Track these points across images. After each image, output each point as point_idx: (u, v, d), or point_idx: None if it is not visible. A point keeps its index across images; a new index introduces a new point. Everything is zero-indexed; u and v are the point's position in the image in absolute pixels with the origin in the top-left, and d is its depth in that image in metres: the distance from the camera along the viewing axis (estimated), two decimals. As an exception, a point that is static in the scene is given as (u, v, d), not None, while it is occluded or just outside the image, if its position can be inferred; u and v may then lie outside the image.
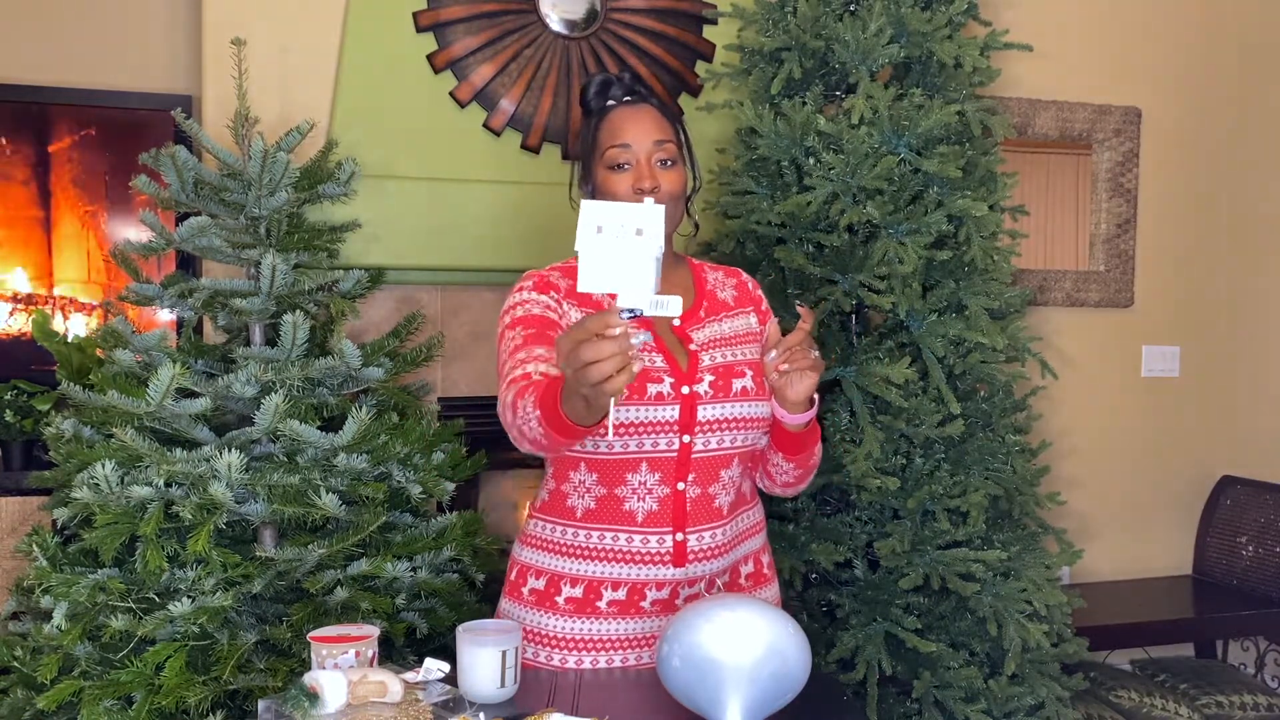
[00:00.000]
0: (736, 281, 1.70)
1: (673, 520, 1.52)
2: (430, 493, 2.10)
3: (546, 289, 1.57)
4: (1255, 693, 2.88)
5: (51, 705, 1.78)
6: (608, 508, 1.53)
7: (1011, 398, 2.37)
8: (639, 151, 1.54)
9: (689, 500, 1.53)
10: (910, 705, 2.20)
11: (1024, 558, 2.23)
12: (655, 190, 1.53)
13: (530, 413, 1.30)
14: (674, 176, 1.56)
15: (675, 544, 1.52)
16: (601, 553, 1.54)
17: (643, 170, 1.54)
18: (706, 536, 1.54)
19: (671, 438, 1.51)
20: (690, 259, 1.71)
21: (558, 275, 1.60)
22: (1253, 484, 3.39)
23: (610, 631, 1.55)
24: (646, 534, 1.52)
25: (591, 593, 1.54)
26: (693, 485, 1.53)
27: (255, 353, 1.96)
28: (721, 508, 1.56)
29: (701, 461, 1.53)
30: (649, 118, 1.57)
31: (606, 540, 1.54)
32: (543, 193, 2.80)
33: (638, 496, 1.52)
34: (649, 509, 1.52)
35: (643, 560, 1.53)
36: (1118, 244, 3.41)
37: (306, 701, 1.23)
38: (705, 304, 1.63)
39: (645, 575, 1.53)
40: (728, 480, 1.56)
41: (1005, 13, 2.97)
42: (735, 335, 1.61)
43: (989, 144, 2.42)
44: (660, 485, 1.52)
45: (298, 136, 2.07)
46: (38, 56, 2.93)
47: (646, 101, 1.59)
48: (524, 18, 2.80)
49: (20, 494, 2.62)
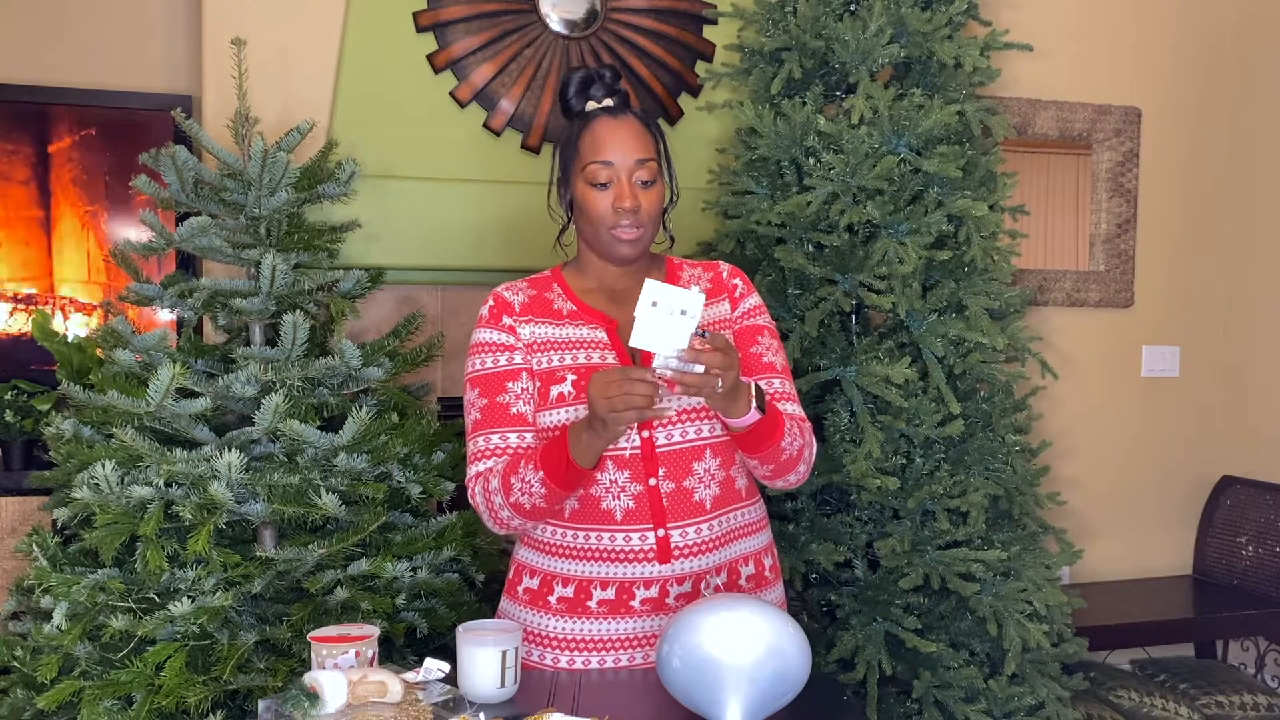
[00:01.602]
0: (713, 274, 1.70)
1: (652, 516, 1.53)
2: (430, 493, 2.10)
3: (499, 318, 1.61)
4: (1255, 693, 2.88)
5: (51, 705, 1.78)
6: (588, 507, 1.55)
7: (1011, 398, 2.37)
8: (620, 170, 1.55)
9: (665, 495, 1.53)
10: (910, 705, 2.20)
11: (1024, 558, 2.23)
12: (635, 210, 1.55)
13: (531, 476, 1.46)
14: (653, 196, 1.57)
15: (658, 540, 1.53)
16: (589, 552, 1.55)
17: (623, 189, 1.55)
18: (690, 532, 1.54)
19: (630, 434, 1.52)
20: (670, 258, 1.72)
21: (521, 289, 1.64)
22: (1253, 484, 3.39)
23: (601, 632, 1.55)
24: (628, 532, 1.53)
25: (582, 592, 1.55)
26: (665, 480, 1.54)
27: (255, 353, 1.96)
28: (703, 502, 1.55)
29: (669, 455, 1.54)
30: (631, 133, 1.57)
31: (592, 540, 1.55)
32: (543, 193, 2.78)
33: (612, 495, 1.54)
34: (626, 506, 1.53)
35: (627, 559, 1.53)
36: (1118, 244, 3.41)
37: (306, 701, 1.23)
38: None
39: (632, 573, 1.54)
40: (704, 474, 1.56)
41: (1005, 13, 2.97)
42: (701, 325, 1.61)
43: (989, 144, 2.42)
44: (631, 482, 1.53)
45: (298, 136, 2.07)
46: (38, 56, 2.93)
47: (628, 112, 1.59)
48: (524, 18, 2.80)
49: (20, 494, 2.62)
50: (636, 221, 1.55)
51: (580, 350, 1.58)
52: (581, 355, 1.57)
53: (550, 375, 1.57)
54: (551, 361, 1.58)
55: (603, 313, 1.61)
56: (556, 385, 1.56)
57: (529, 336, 1.60)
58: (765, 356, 1.64)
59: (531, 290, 1.64)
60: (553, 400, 1.55)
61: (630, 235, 1.56)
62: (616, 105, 1.59)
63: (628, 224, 1.55)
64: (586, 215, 1.58)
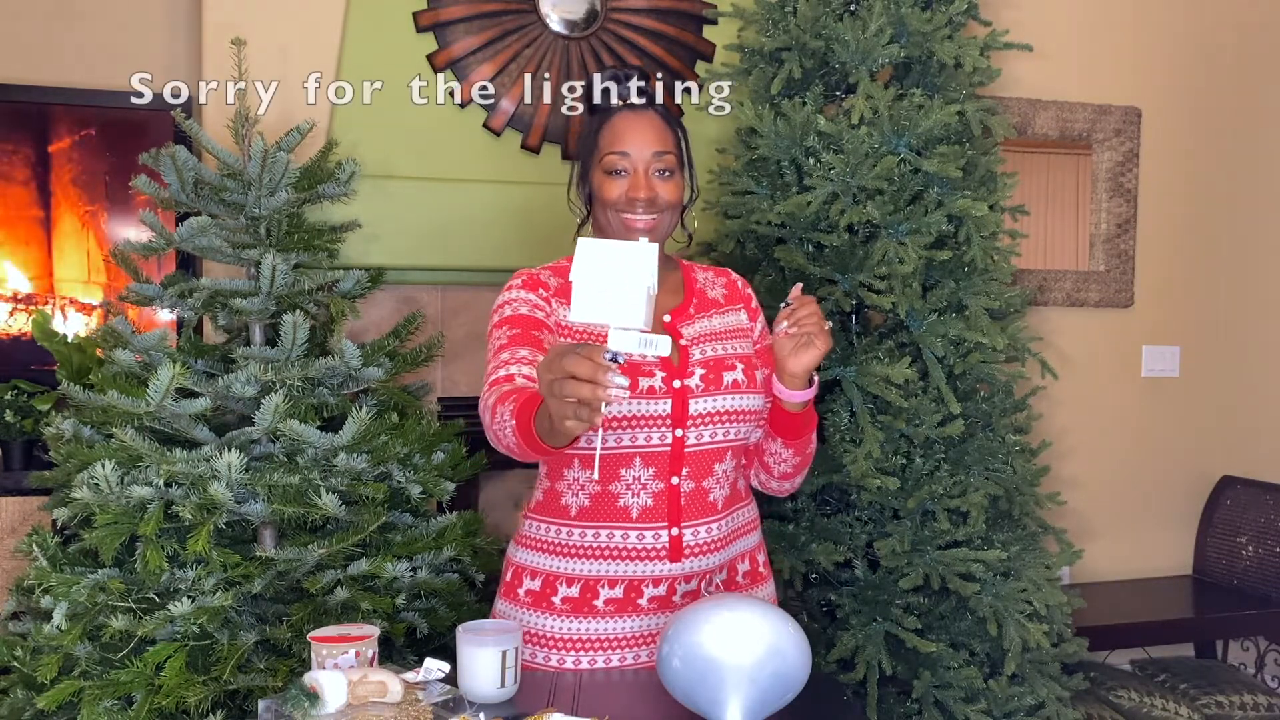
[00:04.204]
0: (726, 280, 1.72)
1: (668, 515, 1.53)
2: (430, 493, 2.10)
3: (535, 287, 1.58)
4: (1255, 693, 2.88)
5: (51, 705, 1.78)
6: (602, 504, 1.54)
7: (1011, 398, 2.36)
8: (637, 160, 1.55)
9: (684, 495, 1.54)
10: (910, 705, 2.20)
11: (1024, 558, 2.23)
12: (651, 200, 1.54)
13: (507, 421, 1.31)
14: (671, 187, 1.57)
15: (671, 539, 1.53)
16: (597, 550, 1.54)
17: (639, 180, 1.55)
18: (702, 531, 1.55)
19: (665, 432, 1.52)
20: (681, 260, 1.73)
21: (548, 274, 1.62)
22: (1253, 484, 3.39)
23: (608, 630, 1.55)
24: (642, 529, 1.53)
25: (588, 592, 1.55)
26: (686, 479, 1.54)
27: (255, 353, 1.96)
28: (716, 502, 1.57)
29: (695, 455, 1.54)
30: (651, 126, 1.57)
31: (602, 538, 1.54)
32: (543, 193, 2.80)
33: (632, 492, 1.53)
34: (644, 504, 1.53)
35: (640, 556, 1.53)
36: (1118, 244, 3.41)
37: (306, 701, 1.23)
38: (695, 301, 1.65)
39: (642, 571, 1.53)
40: (721, 474, 1.57)
41: (1005, 13, 2.97)
42: (725, 330, 1.63)
43: (989, 144, 2.42)
44: (654, 480, 1.53)
45: (298, 136, 2.07)
46: (38, 56, 2.93)
47: (650, 107, 1.60)
48: (524, 18, 2.80)
49: (20, 494, 2.62)
50: (651, 210, 1.55)
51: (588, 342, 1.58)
52: None
53: None
54: None
55: None
56: None
57: (557, 317, 1.58)
58: None
59: (556, 278, 1.62)
60: None
61: (642, 224, 1.55)
62: (639, 102, 1.60)
63: (641, 212, 1.55)
64: (600, 202, 1.58)
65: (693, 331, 1.60)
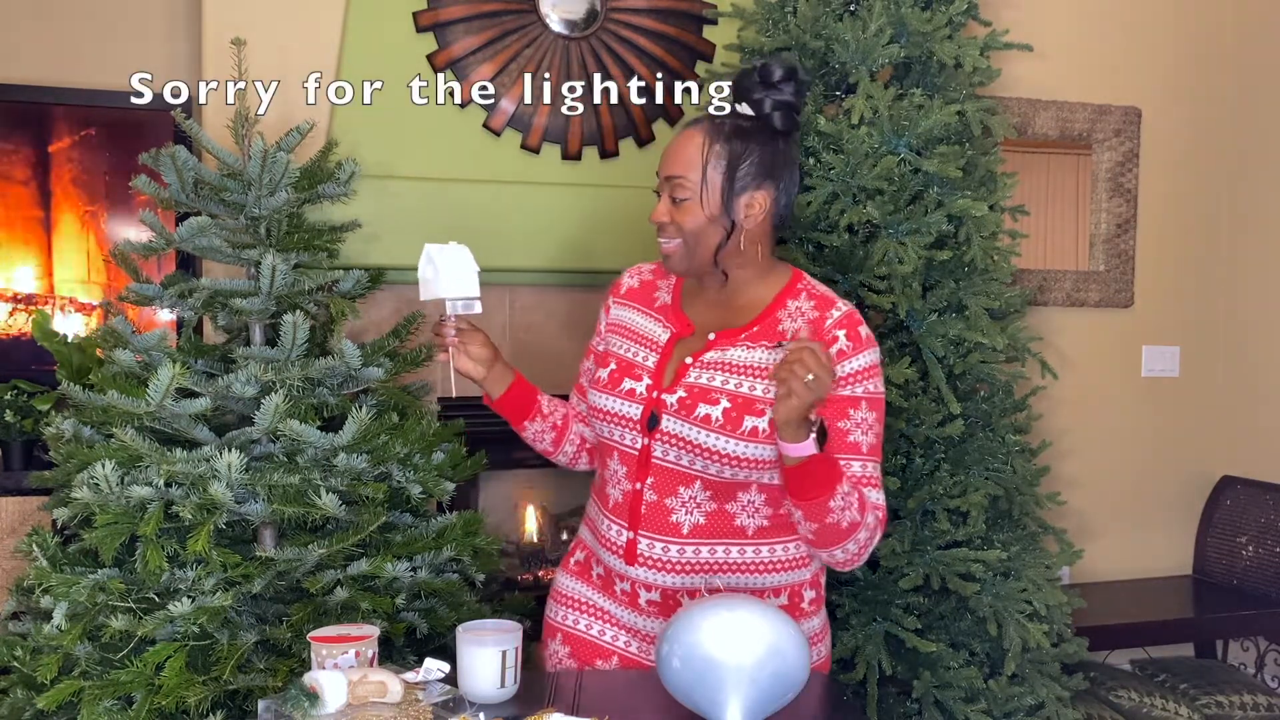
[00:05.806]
0: (819, 315, 1.54)
1: (629, 516, 1.57)
2: (430, 493, 2.09)
3: (608, 296, 1.75)
4: (1255, 693, 2.88)
5: (51, 705, 1.78)
6: (600, 490, 1.64)
7: (1011, 398, 2.36)
8: (662, 184, 1.59)
9: (645, 503, 1.55)
10: (910, 705, 2.20)
11: (1024, 558, 2.23)
12: (661, 225, 1.58)
13: None
14: (683, 212, 1.55)
15: (628, 541, 1.57)
16: (593, 527, 1.66)
17: (662, 206, 1.58)
18: (658, 547, 1.54)
19: (635, 435, 1.56)
20: (796, 278, 1.62)
21: (642, 273, 1.73)
22: (1253, 484, 3.39)
23: (597, 600, 1.65)
24: (610, 521, 1.60)
25: (592, 558, 1.67)
26: (649, 489, 1.55)
27: (255, 353, 1.96)
28: (680, 525, 1.54)
29: (661, 469, 1.55)
30: (680, 147, 1.56)
31: (594, 516, 1.66)
32: (543, 193, 2.80)
33: (612, 484, 1.61)
34: (616, 499, 1.59)
35: (606, 546, 1.61)
36: (1118, 244, 3.41)
37: (306, 701, 1.23)
38: (756, 328, 1.57)
39: (609, 562, 1.60)
40: (689, 499, 1.53)
41: (1005, 13, 2.97)
42: (748, 366, 1.52)
43: (989, 144, 2.42)
44: (625, 480, 1.58)
45: (298, 136, 2.07)
46: (38, 56, 2.93)
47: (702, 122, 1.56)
48: (524, 18, 2.80)
49: (20, 494, 2.63)
50: (663, 235, 1.58)
51: (636, 344, 1.64)
52: (633, 349, 1.63)
53: (604, 358, 1.66)
54: (611, 345, 1.67)
55: (688, 316, 1.63)
56: (604, 369, 1.64)
57: (614, 319, 1.70)
58: (851, 435, 1.51)
59: (649, 276, 1.72)
60: (600, 382, 1.63)
61: (664, 248, 1.59)
62: (701, 115, 1.60)
63: (659, 236, 1.59)
64: None
65: (715, 355, 1.55)
